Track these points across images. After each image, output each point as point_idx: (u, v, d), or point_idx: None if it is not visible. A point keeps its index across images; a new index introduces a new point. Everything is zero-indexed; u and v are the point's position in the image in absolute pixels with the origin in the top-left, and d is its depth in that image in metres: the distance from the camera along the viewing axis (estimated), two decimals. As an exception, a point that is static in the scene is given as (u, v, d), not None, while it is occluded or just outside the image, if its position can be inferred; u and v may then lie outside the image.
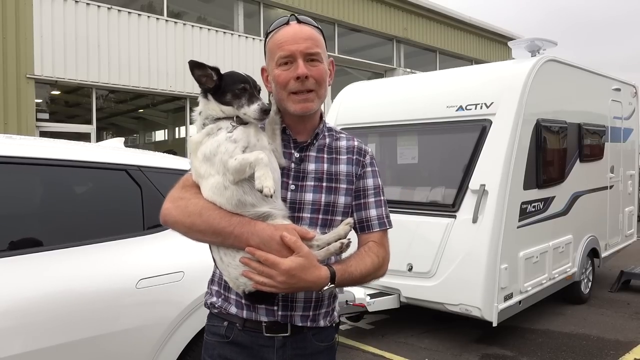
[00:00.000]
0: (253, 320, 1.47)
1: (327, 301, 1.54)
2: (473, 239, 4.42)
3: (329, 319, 1.55)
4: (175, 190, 1.48)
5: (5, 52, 8.98)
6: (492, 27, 18.97)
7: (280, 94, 1.48)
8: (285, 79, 1.45)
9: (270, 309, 1.45)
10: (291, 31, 1.46)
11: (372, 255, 1.50)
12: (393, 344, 4.81)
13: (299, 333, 1.48)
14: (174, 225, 1.44)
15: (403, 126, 5.36)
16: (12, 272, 2.13)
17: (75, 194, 2.75)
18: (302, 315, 1.48)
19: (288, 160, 1.51)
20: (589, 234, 5.99)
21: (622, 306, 5.96)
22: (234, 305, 1.49)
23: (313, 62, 1.46)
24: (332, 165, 1.54)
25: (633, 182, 7.34)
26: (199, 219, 1.38)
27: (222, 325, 1.51)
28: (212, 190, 1.39)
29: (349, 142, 1.60)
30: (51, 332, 2.13)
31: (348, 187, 1.54)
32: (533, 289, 4.86)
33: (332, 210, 1.51)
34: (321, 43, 1.50)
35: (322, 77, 1.48)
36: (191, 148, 1.46)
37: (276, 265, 1.30)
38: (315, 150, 1.55)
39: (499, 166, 4.45)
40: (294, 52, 1.44)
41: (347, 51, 14.84)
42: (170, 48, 11.00)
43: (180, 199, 1.44)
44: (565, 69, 5.57)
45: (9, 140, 2.58)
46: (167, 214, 1.44)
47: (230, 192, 1.37)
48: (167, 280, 2.52)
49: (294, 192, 1.49)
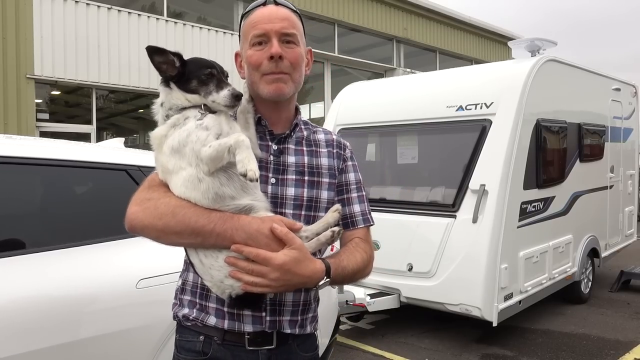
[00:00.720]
0: (235, 331, 1.33)
1: (314, 305, 1.46)
2: (473, 239, 4.42)
3: (314, 324, 1.47)
4: (141, 192, 1.32)
5: (5, 52, 8.97)
6: (492, 27, 18.96)
7: (253, 76, 1.38)
8: (258, 59, 1.35)
9: (258, 315, 1.33)
10: (267, 11, 1.37)
11: (360, 251, 1.42)
12: (393, 344, 4.81)
13: (284, 344, 1.38)
14: (144, 231, 1.28)
15: (403, 126, 5.36)
16: (12, 272, 2.13)
17: (75, 194, 2.75)
18: (290, 321, 1.38)
19: (265, 153, 1.39)
20: (589, 234, 5.99)
21: (622, 306, 5.96)
22: (213, 315, 1.34)
23: (289, 43, 1.36)
24: (312, 158, 1.45)
25: (633, 182, 7.34)
26: (172, 219, 1.23)
27: (197, 341, 1.36)
28: (185, 185, 1.24)
29: (328, 136, 1.52)
30: (51, 333, 2.13)
31: (330, 182, 1.45)
32: (533, 289, 4.86)
33: (315, 206, 1.41)
34: (298, 26, 1.41)
35: (298, 61, 1.38)
36: (155, 143, 1.32)
37: (269, 261, 1.18)
38: (294, 143, 1.45)
39: (499, 166, 4.46)
40: (269, 31, 1.34)
41: (347, 51, 14.83)
42: (170, 48, 10.94)
43: (148, 200, 1.28)
44: (565, 69, 5.57)
45: (9, 140, 2.58)
46: (134, 218, 1.28)
47: (206, 185, 1.23)
48: (167, 281, 2.52)
49: (274, 186, 1.38)
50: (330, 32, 14.51)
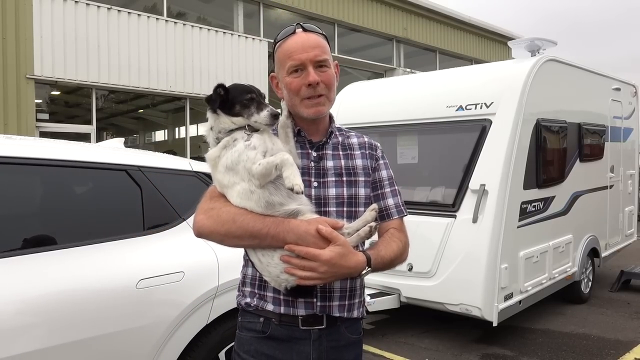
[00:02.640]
0: (290, 314, 1.52)
1: (359, 291, 1.62)
2: (473, 238, 4.42)
3: (361, 309, 1.64)
4: (204, 202, 1.54)
5: (5, 52, 8.98)
6: (492, 27, 18.96)
7: (293, 100, 1.57)
8: (297, 86, 1.54)
9: (310, 301, 1.51)
10: (299, 40, 1.55)
11: (396, 241, 1.61)
12: (393, 344, 4.81)
13: (333, 325, 1.55)
14: (210, 236, 1.49)
15: (403, 126, 5.36)
16: (13, 272, 2.13)
17: (75, 194, 2.75)
18: (339, 305, 1.55)
19: (306, 160, 1.59)
20: (589, 234, 5.99)
21: (622, 306, 5.96)
22: (271, 303, 1.54)
23: (322, 67, 1.55)
24: (348, 161, 1.63)
25: (633, 181, 7.34)
26: (233, 225, 1.44)
27: (257, 322, 1.56)
28: (240, 197, 1.45)
29: (360, 139, 1.71)
30: (51, 332, 2.13)
31: (366, 180, 1.64)
32: (533, 289, 4.86)
33: (354, 202, 1.59)
34: (327, 49, 1.59)
35: (331, 82, 1.58)
36: (210, 164, 1.52)
37: (318, 257, 1.37)
38: (331, 149, 1.64)
39: (499, 166, 4.45)
40: (304, 61, 1.52)
41: (347, 51, 14.84)
42: (170, 48, 11.00)
43: (211, 209, 1.49)
44: (565, 69, 5.57)
45: (9, 141, 2.58)
46: (201, 225, 1.49)
47: (257, 196, 1.43)
48: (167, 281, 2.52)
49: (317, 188, 1.57)
50: (330, 32, 14.51)
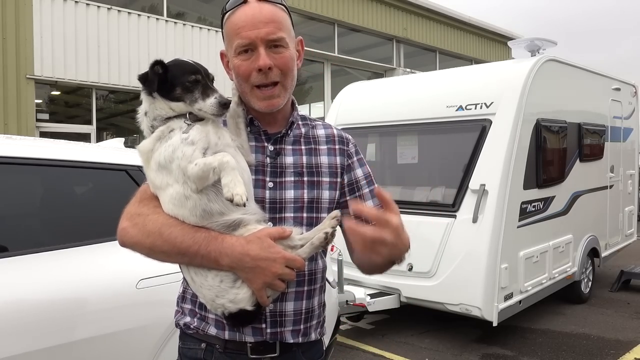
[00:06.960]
0: (236, 341, 1.29)
1: (318, 310, 1.40)
2: (473, 238, 4.42)
3: (319, 330, 1.42)
4: (132, 205, 1.28)
5: (5, 52, 8.97)
6: (492, 27, 18.96)
7: (243, 87, 1.31)
8: (246, 70, 1.27)
9: (258, 327, 1.29)
10: (250, 12, 1.26)
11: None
12: (393, 344, 4.81)
13: (288, 351, 1.32)
14: (134, 247, 1.26)
15: (403, 126, 5.36)
16: (13, 272, 2.13)
17: (75, 194, 2.75)
18: (292, 331, 1.32)
19: (261, 155, 1.33)
20: (589, 234, 5.99)
21: (622, 306, 5.96)
22: (213, 326, 1.31)
23: (277, 48, 1.27)
24: (311, 157, 1.37)
25: (633, 181, 7.34)
26: (159, 238, 1.20)
27: (199, 348, 1.33)
28: (172, 202, 1.20)
29: (327, 130, 1.44)
30: (51, 333, 2.13)
31: (332, 181, 1.37)
32: (533, 289, 4.86)
33: (316, 207, 1.34)
34: (285, 24, 1.30)
35: (288, 66, 1.29)
36: (142, 158, 1.26)
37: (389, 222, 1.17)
38: (291, 142, 1.37)
39: (499, 166, 4.46)
40: (254, 40, 1.25)
41: (347, 51, 14.83)
42: (170, 48, 10.99)
43: (138, 216, 1.25)
44: (565, 69, 5.57)
45: (9, 141, 2.58)
46: (125, 234, 1.26)
47: (193, 202, 1.18)
48: (167, 280, 2.52)
49: (272, 190, 1.31)
50: (330, 32, 14.51)
